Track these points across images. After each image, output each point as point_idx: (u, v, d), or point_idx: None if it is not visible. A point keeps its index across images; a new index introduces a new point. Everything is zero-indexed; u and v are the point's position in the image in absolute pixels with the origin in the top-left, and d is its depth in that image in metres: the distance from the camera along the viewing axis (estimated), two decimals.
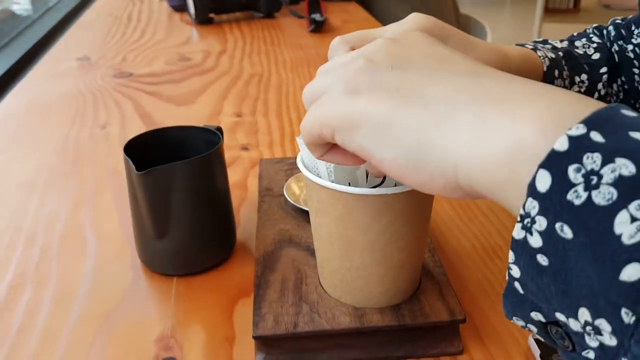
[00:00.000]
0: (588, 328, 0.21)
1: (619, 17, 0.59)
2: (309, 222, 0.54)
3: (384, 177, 0.42)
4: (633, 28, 0.55)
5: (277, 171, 0.64)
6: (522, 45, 0.52)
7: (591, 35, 0.58)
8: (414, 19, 0.43)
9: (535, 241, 0.22)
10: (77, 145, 0.81)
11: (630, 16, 0.57)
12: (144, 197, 0.49)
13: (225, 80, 1.07)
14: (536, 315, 0.24)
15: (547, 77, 0.51)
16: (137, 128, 0.86)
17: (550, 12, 4.27)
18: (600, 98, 0.55)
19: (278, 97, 0.98)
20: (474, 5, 5.20)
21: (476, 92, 0.27)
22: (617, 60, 0.56)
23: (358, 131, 0.29)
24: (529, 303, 0.24)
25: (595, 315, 0.21)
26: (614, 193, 0.20)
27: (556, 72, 0.51)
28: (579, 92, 0.54)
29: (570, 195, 0.21)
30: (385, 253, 0.41)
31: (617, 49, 0.56)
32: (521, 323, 0.26)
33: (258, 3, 1.54)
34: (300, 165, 0.42)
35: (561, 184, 0.21)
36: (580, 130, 0.21)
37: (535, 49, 0.52)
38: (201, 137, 0.55)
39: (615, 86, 0.56)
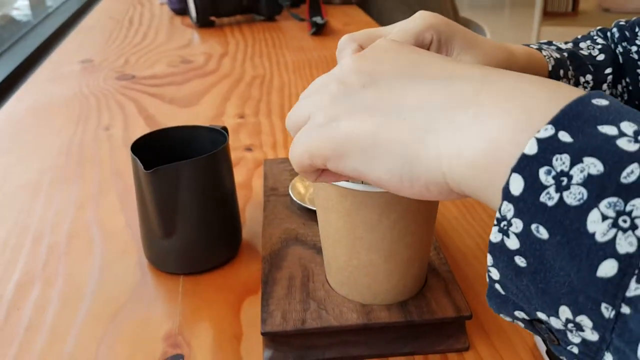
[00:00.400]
0: (570, 325, 0.22)
1: (623, 20, 0.59)
2: (314, 220, 0.55)
3: None
4: (637, 30, 0.55)
5: (282, 171, 0.65)
6: (527, 46, 0.53)
7: (595, 37, 0.59)
8: (421, 17, 0.43)
9: (513, 243, 0.22)
10: (81, 147, 0.81)
11: (634, 18, 0.57)
12: (152, 196, 0.50)
13: (227, 82, 1.08)
14: (520, 314, 0.25)
15: (552, 77, 0.51)
16: (141, 129, 0.86)
17: (549, 15, 4.28)
18: None
19: (281, 99, 0.98)
20: (472, 8, 5.23)
21: (450, 97, 0.27)
22: (621, 61, 0.57)
23: (349, 156, 0.29)
24: (511, 303, 0.25)
25: (576, 312, 0.21)
26: (584, 193, 0.20)
27: (561, 72, 0.52)
28: None
29: (543, 197, 0.21)
30: (393, 250, 0.41)
31: (621, 50, 0.57)
32: (508, 319, 0.26)
33: (259, 6, 1.54)
34: None
35: (533, 186, 0.21)
36: (549, 131, 0.21)
37: (540, 49, 0.52)
38: (207, 136, 0.56)
39: (619, 87, 0.56)
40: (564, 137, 0.21)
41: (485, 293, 0.26)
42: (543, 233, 0.21)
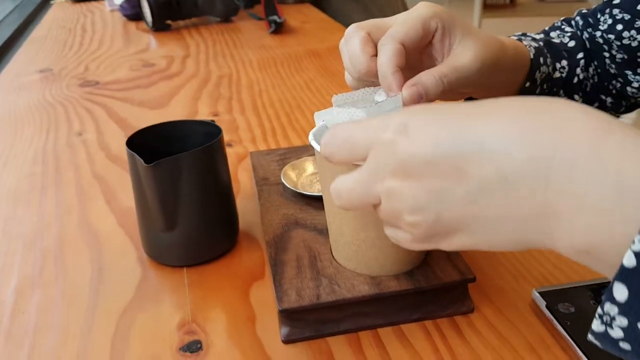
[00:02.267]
0: None
1: (584, 8, 0.63)
2: (311, 205, 0.56)
3: None
4: (599, 16, 0.59)
5: (269, 162, 0.66)
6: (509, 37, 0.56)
7: (563, 26, 0.63)
8: (425, 6, 0.45)
9: (617, 333, 0.25)
10: (56, 154, 0.80)
11: (595, 5, 0.61)
12: (152, 190, 0.50)
13: (194, 82, 1.08)
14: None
15: (534, 64, 0.54)
16: (115, 133, 0.86)
17: (488, 7, 4.41)
18: (579, 82, 0.59)
19: (252, 96, 0.99)
20: (414, 3, 5.32)
21: (521, 211, 0.28)
22: (588, 46, 0.61)
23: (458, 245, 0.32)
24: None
25: None
26: None
27: (541, 59, 0.55)
28: (560, 77, 0.58)
29: None
30: None
31: (587, 36, 0.61)
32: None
33: (214, 8, 1.54)
34: (313, 142, 0.44)
35: (638, 295, 0.24)
36: None
37: (520, 40, 0.55)
38: (199, 130, 0.57)
39: (590, 70, 0.61)
40: None
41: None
42: None
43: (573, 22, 0.64)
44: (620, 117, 0.90)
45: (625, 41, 0.55)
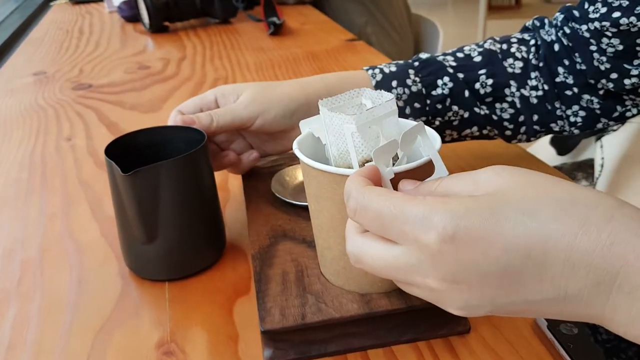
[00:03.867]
0: None
1: (570, 3, 0.61)
2: (300, 216, 0.54)
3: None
4: (587, 6, 0.56)
5: (260, 169, 0.63)
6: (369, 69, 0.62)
7: (516, 35, 0.64)
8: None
9: None
10: (43, 159, 0.78)
11: None
12: (131, 200, 0.48)
13: (189, 85, 1.05)
14: None
15: (381, 88, 0.59)
16: (105, 137, 0.84)
17: (493, 9, 4.39)
18: (473, 93, 0.60)
19: None
20: (416, 5, 5.29)
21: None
22: (566, 43, 0.58)
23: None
24: None
25: None
26: None
27: (394, 83, 0.60)
28: (442, 92, 0.60)
29: None
30: None
31: (567, 32, 0.58)
32: None
33: (213, 9, 1.52)
34: (297, 151, 0.41)
35: None
36: None
37: (372, 69, 0.61)
38: (182, 136, 0.54)
39: (533, 80, 0.60)
40: None
41: None
42: None
43: (546, 20, 0.62)
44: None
45: (623, 27, 0.52)
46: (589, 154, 0.97)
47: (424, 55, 0.62)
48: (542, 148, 1.07)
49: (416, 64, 0.61)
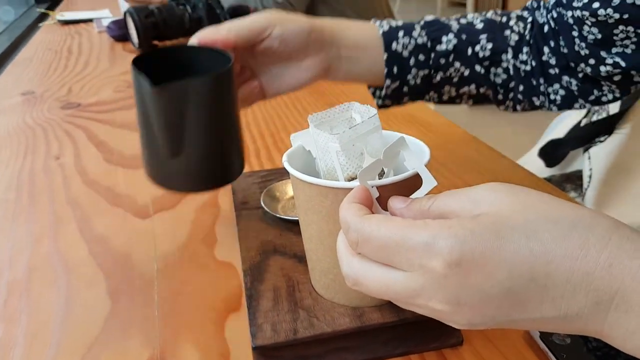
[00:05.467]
0: None
1: None
2: (291, 231, 0.53)
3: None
4: None
5: (250, 184, 0.63)
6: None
7: (517, 12, 0.67)
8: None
9: None
10: (32, 179, 0.77)
11: None
12: (158, 114, 0.48)
13: None
14: None
15: (387, 38, 0.63)
16: (94, 156, 0.83)
17: (480, 11, 4.43)
18: (474, 54, 0.63)
19: None
20: (402, 13, 5.32)
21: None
22: (553, 26, 0.61)
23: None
24: None
25: None
26: None
27: (400, 33, 0.63)
28: (446, 49, 0.63)
29: None
30: None
31: (555, 15, 0.61)
32: None
33: (202, 27, 1.52)
34: (285, 164, 0.41)
35: None
36: None
37: (381, 23, 0.64)
38: (208, 58, 0.53)
39: (523, 53, 0.63)
40: None
41: None
42: None
43: (542, 2, 0.66)
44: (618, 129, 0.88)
45: (601, 18, 0.54)
46: (578, 166, 0.98)
47: (429, 17, 0.66)
48: (531, 160, 1.07)
49: (422, 22, 0.65)
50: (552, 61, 0.62)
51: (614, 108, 0.91)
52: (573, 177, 0.97)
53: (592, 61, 0.58)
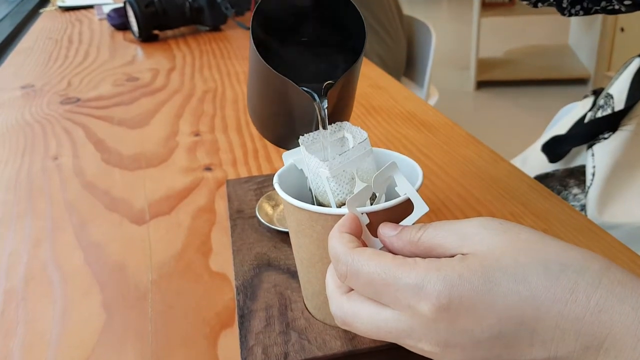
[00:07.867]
0: None
1: None
2: (286, 242, 0.53)
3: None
4: None
5: (246, 191, 0.63)
6: None
7: None
8: None
9: None
10: (29, 180, 0.77)
11: None
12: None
13: (178, 98, 1.05)
14: None
15: None
16: (92, 156, 0.83)
17: (487, 6, 4.37)
18: None
19: (236, 112, 0.96)
20: (410, 3, 5.28)
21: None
22: None
23: None
24: None
25: None
26: None
27: None
28: None
29: None
30: None
31: None
32: None
33: (203, 17, 1.51)
34: (276, 186, 0.41)
35: None
36: None
37: None
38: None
39: None
40: None
41: None
42: None
43: None
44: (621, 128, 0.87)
45: None
46: (581, 160, 0.97)
47: None
48: (535, 154, 1.06)
49: None
50: None
51: (619, 105, 0.90)
52: (577, 172, 0.96)
53: None
